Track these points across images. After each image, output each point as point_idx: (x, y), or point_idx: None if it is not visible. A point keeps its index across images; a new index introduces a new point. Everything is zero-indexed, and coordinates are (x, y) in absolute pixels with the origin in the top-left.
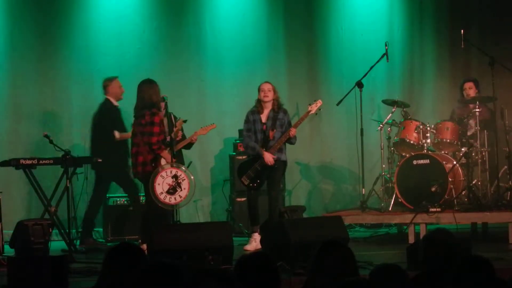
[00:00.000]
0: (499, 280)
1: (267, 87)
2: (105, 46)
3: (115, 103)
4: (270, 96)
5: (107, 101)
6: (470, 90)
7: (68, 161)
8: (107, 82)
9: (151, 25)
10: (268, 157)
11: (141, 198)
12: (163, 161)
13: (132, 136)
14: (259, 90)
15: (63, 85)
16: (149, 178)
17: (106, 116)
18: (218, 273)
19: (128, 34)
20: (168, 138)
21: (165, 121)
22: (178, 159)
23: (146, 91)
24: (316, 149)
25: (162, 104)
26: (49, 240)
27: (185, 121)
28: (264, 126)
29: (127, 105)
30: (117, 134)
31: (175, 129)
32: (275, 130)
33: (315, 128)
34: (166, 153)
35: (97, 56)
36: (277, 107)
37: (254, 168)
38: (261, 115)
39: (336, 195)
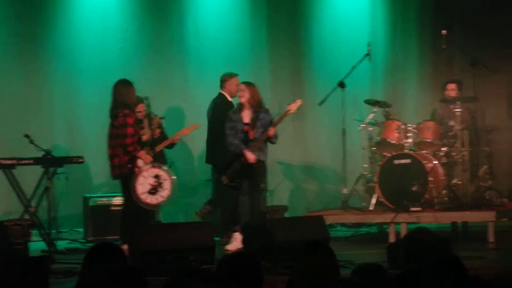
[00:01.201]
0: (472, 278)
1: (241, 87)
2: (88, 45)
3: (230, 98)
4: (245, 96)
5: (221, 96)
6: (452, 91)
7: (49, 161)
8: (227, 77)
9: (134, 25)
10: (249, 155)
11: None
12: (140, 162)
13: (108, 138)
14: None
15: (45, 84)
16: (126, 180)
17: (221, 110)
18: (202, 273)
19: (111, 33)
20: (145, 138)
21: (146, 121)
22: (160, 159)
23: (120, 91)
24: (298, 149)
25: (142, 106)
26: (29, 240)
27: (162, 118)
28: (246, 127)
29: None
30: None
31: (152, 127)
32: (255, 130)
33: (298, 127)
34: (143, 154)
35: (80, 55)
36: (257, 107)
37: (233, 168)
38: (243, 115)
39: (319, 194)
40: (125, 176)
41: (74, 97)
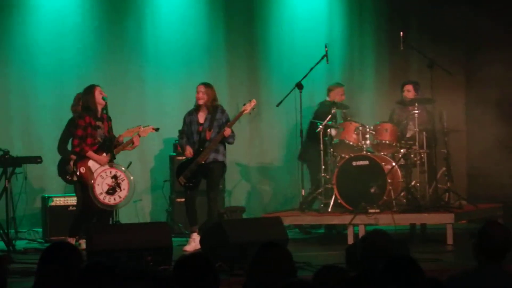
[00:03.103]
0: (428, 279)
1: (201, 89)
2: (45, 46)
3: None
4: (204, 98)
5: (326, 102)
6: (409, 93)
7: (7, 161)
8: (332, 87)
9: (91, 25)
10: (187, 151)
11: None
12: (91, 163)
13: None
14: (196, 91)
15: (2, 85)
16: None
17: (322, 115)
18: (154, 274)
19: (68, 34)
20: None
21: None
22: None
23: (83, 97)
24: (256, 150)
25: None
26: None
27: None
28: (201, 127)
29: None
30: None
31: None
32: (212, 131)
33: (255, 129)
34: (94, 155)
35: (36, 56)
36: (214, 108)
37: (190, 168)
38: (199, 116)
39: (276, 195)
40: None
41: (30, 98)
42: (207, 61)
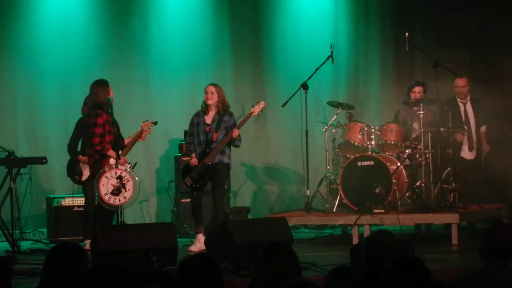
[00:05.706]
0: (433, 280)
1: (210, 89)
2: (50, 46)
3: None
4: (214, 99)
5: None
6: (419, 94)
7: (12, 162)
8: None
9: (97, 26)
10: (192, 159)
11: None
12: (112, 161)
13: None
14: (204, 91)
15: (7, 85)
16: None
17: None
18: (159, 275)
19: (74, 34)
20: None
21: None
22: None
23: (93, 91)
24: (261, 150)
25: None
26: None
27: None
28: (208, 128)
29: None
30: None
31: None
32: (219, 132)
33: (260, 129)
34: (114, 154)
35: (42, 57)
36: (223, 110)
37: (197, 170)
38: (206, 117)
39: (281, 196)
40: (95, 175)
41: (36, 98)
42: (212, 62)
